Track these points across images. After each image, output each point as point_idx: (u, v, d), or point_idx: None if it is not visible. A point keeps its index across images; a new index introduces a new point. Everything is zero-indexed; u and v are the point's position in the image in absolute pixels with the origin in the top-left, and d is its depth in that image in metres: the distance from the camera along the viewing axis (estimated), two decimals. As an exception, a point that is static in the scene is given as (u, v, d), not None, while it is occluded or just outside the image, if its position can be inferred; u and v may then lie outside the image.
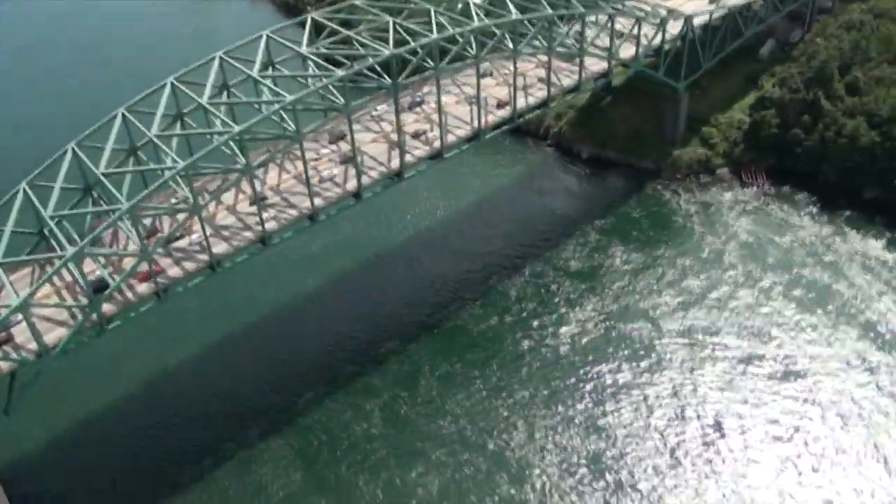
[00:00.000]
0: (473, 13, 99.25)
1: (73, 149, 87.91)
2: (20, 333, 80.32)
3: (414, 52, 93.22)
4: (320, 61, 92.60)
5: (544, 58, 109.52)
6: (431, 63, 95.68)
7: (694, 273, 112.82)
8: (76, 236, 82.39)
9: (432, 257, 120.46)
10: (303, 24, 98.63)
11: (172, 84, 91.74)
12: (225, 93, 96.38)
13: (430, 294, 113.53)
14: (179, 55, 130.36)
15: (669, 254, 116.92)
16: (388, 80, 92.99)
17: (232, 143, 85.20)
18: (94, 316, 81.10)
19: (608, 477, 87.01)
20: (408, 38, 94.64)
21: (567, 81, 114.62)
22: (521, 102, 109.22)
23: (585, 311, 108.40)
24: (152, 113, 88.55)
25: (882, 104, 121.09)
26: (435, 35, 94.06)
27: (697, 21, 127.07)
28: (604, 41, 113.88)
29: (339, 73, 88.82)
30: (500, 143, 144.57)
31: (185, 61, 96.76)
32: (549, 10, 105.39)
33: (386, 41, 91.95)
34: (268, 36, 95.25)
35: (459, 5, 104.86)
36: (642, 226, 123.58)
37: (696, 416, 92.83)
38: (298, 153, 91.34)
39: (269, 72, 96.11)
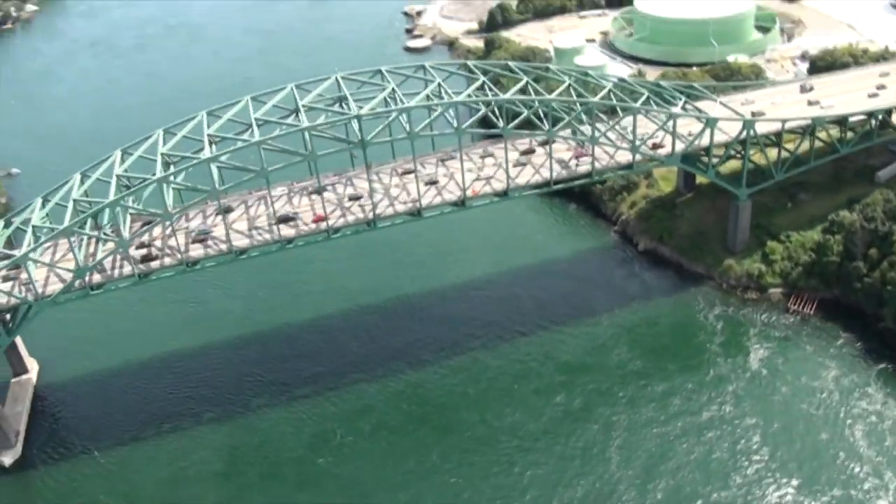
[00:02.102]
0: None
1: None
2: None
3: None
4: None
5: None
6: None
7: (682, 395, 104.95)
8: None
9: (437, 315, 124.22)
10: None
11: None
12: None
13: (413, 347, 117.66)
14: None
15: (669, 368, 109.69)
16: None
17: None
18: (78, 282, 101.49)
19: None
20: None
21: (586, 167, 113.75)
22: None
23: (548, 402, 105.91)
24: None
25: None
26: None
27: (767, 127, 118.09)
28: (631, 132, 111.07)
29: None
30: (574, 221, 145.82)
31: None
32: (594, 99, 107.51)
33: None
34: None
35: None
36: (659, 333, 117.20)
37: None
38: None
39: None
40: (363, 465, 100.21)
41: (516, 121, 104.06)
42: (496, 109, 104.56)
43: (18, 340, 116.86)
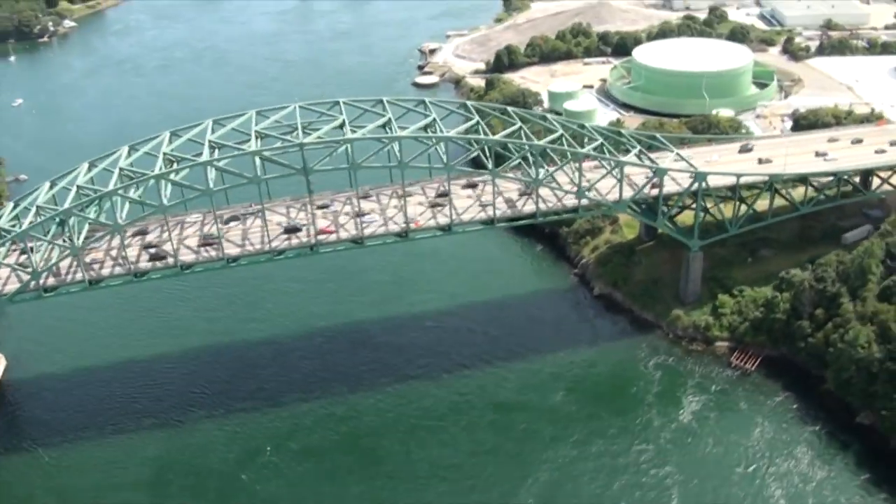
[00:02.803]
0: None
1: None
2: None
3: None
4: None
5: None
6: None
7: (607, 443, 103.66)
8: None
9: (388, 342, 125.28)
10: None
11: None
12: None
13: (357, 371, 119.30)
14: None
15: (601, 415, 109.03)
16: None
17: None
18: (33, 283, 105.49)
19: None
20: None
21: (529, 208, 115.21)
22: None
23: (473, 438, 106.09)
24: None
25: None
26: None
27: (721, 181, 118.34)
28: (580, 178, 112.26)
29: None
30: (539, 261, 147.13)
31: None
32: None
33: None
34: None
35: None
36: (598, 378, 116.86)
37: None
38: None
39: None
40: (283, 484, 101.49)
41: (459, 159, 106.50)
42: (441, 146, 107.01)
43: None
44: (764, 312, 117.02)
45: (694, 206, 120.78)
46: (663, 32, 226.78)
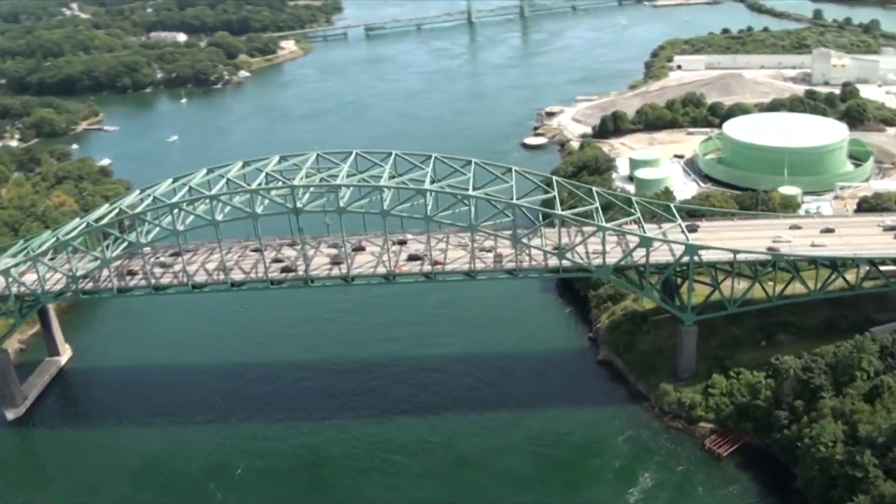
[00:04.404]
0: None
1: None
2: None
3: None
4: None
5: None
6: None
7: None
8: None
9: (387, 377, 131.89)
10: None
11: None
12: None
13: (348, 399, 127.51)
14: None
15: (553, 483, 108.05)
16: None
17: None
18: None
19: None
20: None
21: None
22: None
23: (420, 485, 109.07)
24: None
25: (878, 418, 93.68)
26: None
27: (712, 256, 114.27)
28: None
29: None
30: (564, 321, 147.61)
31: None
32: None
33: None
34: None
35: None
36: (566, 445, 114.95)
37: None
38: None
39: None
40: (238, 500, 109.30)
41: (440, 211, 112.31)
42: (425, 196, 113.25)
43: (55, 327, 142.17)
44: (749, 398, 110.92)
45: (700, 279, 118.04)
46: (774, 106, 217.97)
